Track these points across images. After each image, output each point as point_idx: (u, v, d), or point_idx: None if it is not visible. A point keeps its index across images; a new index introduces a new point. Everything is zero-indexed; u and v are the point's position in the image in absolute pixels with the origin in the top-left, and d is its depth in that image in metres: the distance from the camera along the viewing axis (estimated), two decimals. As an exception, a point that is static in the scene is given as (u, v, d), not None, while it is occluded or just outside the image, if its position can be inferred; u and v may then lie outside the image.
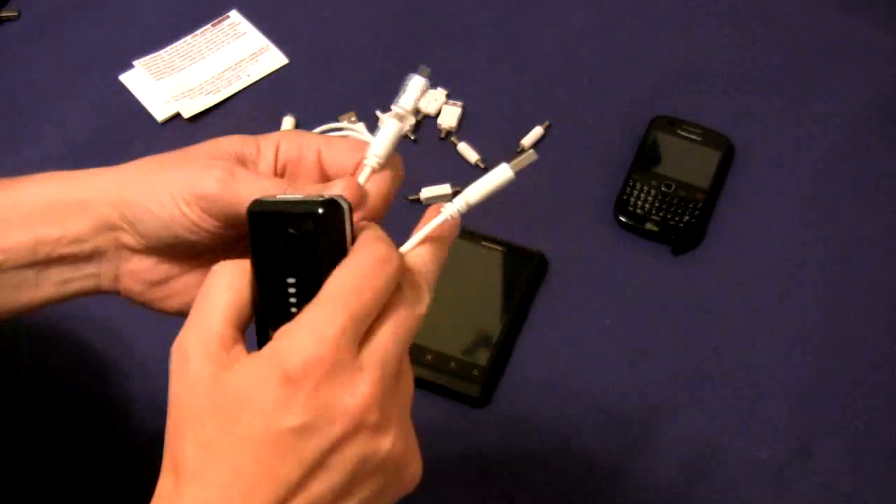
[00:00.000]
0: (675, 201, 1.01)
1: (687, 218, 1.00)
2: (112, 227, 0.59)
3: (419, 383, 0.93)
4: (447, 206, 0.56)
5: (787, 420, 0.91)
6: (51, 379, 0.91)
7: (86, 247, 0.59)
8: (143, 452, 0.90)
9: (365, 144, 0.57)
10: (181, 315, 0.58)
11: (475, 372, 0.92)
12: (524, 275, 0.97)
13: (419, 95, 0.57)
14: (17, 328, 0.80)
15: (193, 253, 0.59)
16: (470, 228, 0.99)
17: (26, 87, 1.13)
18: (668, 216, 1.00)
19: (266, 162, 0.59)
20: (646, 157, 1.04)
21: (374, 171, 0.56)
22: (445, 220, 0.55)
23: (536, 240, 1.00)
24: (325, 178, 0.58)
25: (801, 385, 0.93)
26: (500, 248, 0.98)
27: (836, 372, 0.93)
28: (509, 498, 0.88)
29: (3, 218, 0.59)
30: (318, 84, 1.11)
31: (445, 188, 1.03)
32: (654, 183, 1.02)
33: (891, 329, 0.96)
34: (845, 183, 1.04)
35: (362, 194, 0.54)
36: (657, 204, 1.01)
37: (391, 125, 0.57)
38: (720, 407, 0.92)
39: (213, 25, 1.16)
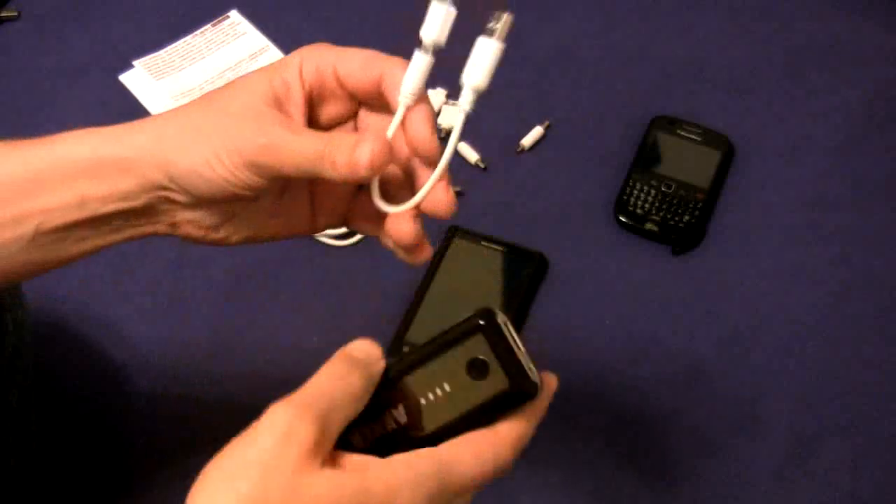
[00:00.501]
0: (675, 201, 1.01)
1: (687, 218, 1.00)
2: (159, 187, 0.59)
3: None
4: (462, 103, 0.58)
5: (787, 420, 0.91)
6: (52, 378, 0.91)
7: (135, 203, 0.60)
8: (143, 452, 0.90)
9: (375, 56, 0.58)
10: (247, 244, 0.61)
11: (475, 372, 0.92)
12: (524, 275, 0.97)
13: (443, 23, 0.57)
14: (21, 326, 0.80)
15: (242, 199, 0.60)
16: (470, 228, 0.99)
17: (26, 87, 1.13)
18: (668, 216, 1.00)
19: (296, 95, 0.59)
20: (646, 157, 1.04)
21: (408, 109, 0.58)
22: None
23: (536, 240, 1.00)
24: (347, 92, 0.59)
25: (801, 385, 0.93)
26: (500, 248, 0.98)
27: (837, 371, 0.93)
28: (510, 498, 0.88)
29: (41, 175, 0.59)
30: (318, 84, 1.11)
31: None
32: (654, 183, 1.02)
33: (891, 329, 0.95)
34: (845, 183, 1.04)
35: (389, 150, 0.56)
36: (657, 204, 1.01)
37: (418, 59, 0.57)
38: (720, 407, 0.92)
39: (213, 25, 1.16)
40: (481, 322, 0.53)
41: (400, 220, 0.59)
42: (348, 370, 0.53)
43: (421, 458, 0.52)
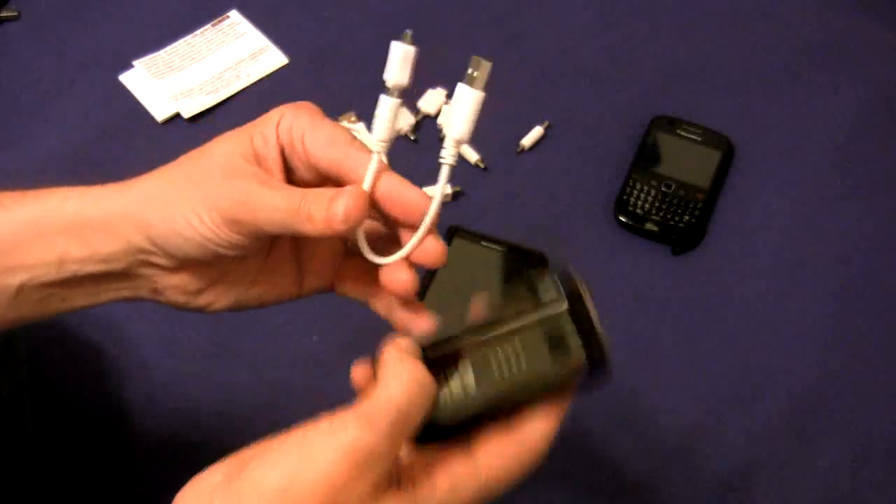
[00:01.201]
0: (675, 201, 1.01)
1: (687, 218, 1.00)
2: (140, 251, 0.58)
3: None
4: (444, 155, 0.57)
5: (787, 420, 0.91)
6: (51, 379, 0.91)
7: (116, 266, 0.59)
8: (143, 451, 0.90)
9: (342, 138, 0.57)
10: (232, 310, 0.61)
11: (475, 372, 0.92)
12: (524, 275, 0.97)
13: (406, 64, 0.56)
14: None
15: (226, 261, 0.59)
16: (470, 228, 0.99)
17: (26, 87, 1.13)
18: (668, 216, 1.00)
19: (273, 151, 0.58)
20: (646, 157, 1.04)
21: (381, 154, 0.57)
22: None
23: (536, 240, 1.00)
24: (311, 163, 0.59)
25: (801, 385, 0.93)
26: (500, 248, 0.98)
27: (837, 371, 0.93)
28: (509, 498, 0.88)
29: (23, 234, 0.59)
30: (318, 84, 1.11)
31: (446, 188, 1.02)
32: (654, 183, 1.02)
33: (891, 328, 0.95)
34: (845, 182, 1.04)
35: (367, 202, 0.56)
36: (657, 204, 1.01)
37: (385, 103, 0.57)
38: (720, 406, 0.92)
39: (213, 25, 1.16)
40: (567, 294, 0.52)
41: (396, 270, 0.58)
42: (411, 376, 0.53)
43: (463, 481, 0.53)
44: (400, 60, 0.56)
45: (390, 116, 0.57)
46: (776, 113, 1.08)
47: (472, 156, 1.05)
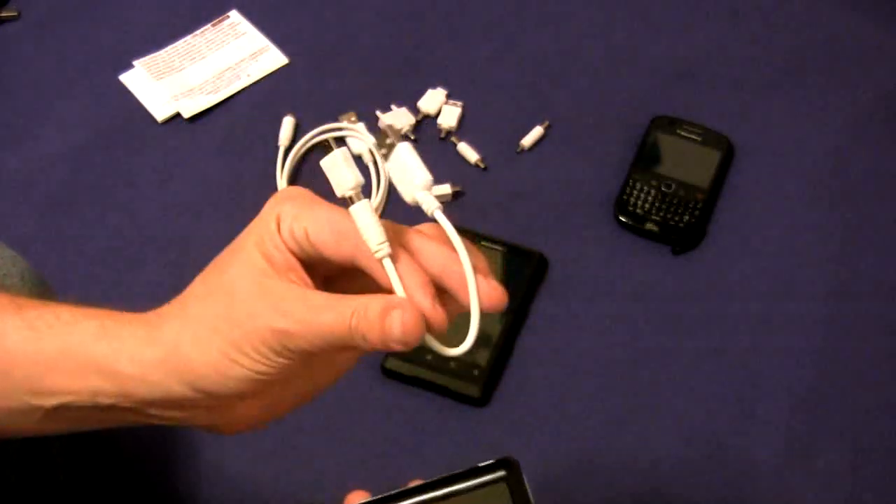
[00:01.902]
0: (675, 201, 1.01)
1: (687, 218, 1.00)
2: (182, 398, 0.56)
3: (419, 383, 0.93)
4: (427, 207, 0.55)
5: (787, 420, 0.91)
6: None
7: (153, 407, 0.57)
8: (141, 452, 0.90)
9: (348, 229, 0.54)
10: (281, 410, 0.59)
11: (475, 372, 0.92)
12: (524, 275, 0.97)
13: (347, 168, 0.53)
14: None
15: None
16: (470, 228, 0.99)
17: (26, 87, 1.13)
18: (668, 216, 1.00)
19: (289, 257, 0.55)
20: (646, 157, 1.04)
21: (390, 255, 0.53)
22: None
23: (536, 240, 1.00)
24: (325, 259, 0.56)
25: (801, 385, 0.93)
26: (500, 248, 0.98)
27: (837, 371, 0.93)
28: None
29: (56, 362, 0.57)
30: (318, 84, 1.11)
31: (445, 188, 1.02)
32: (654, 183, 1.02)
33: (891, 328, 0.95)
34: (845, 182, 1.04)
35: (421, 315, 0.53)
36: (657, 204, 1.01)
37: (360, 209, 0.53)
38: (720, 407, 0.92)
39: (213, 25, 1.16)
40: (505, 472, 0.54)
41: (491, 290, 0.55)
42: None
43: None
44: (338, 172, 0.53)
45: (371, 215, 0.53)
46: (776, 113, 1.08)
47: (472, 156, 1.05)
